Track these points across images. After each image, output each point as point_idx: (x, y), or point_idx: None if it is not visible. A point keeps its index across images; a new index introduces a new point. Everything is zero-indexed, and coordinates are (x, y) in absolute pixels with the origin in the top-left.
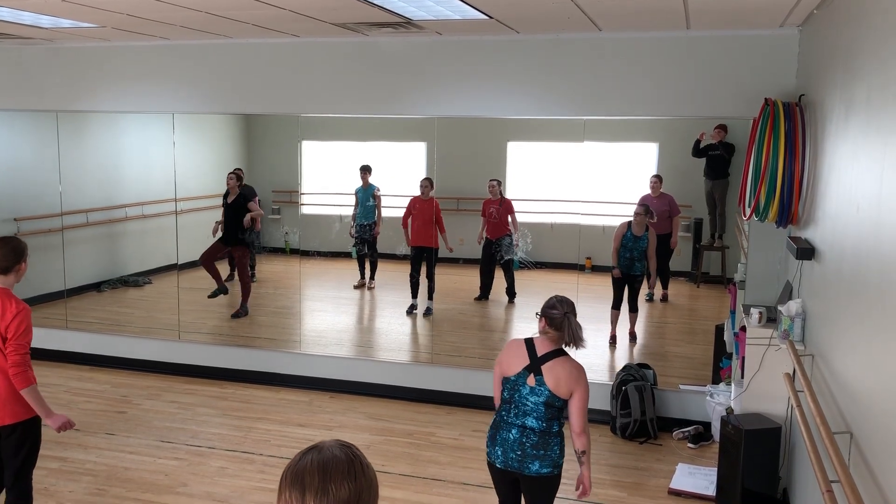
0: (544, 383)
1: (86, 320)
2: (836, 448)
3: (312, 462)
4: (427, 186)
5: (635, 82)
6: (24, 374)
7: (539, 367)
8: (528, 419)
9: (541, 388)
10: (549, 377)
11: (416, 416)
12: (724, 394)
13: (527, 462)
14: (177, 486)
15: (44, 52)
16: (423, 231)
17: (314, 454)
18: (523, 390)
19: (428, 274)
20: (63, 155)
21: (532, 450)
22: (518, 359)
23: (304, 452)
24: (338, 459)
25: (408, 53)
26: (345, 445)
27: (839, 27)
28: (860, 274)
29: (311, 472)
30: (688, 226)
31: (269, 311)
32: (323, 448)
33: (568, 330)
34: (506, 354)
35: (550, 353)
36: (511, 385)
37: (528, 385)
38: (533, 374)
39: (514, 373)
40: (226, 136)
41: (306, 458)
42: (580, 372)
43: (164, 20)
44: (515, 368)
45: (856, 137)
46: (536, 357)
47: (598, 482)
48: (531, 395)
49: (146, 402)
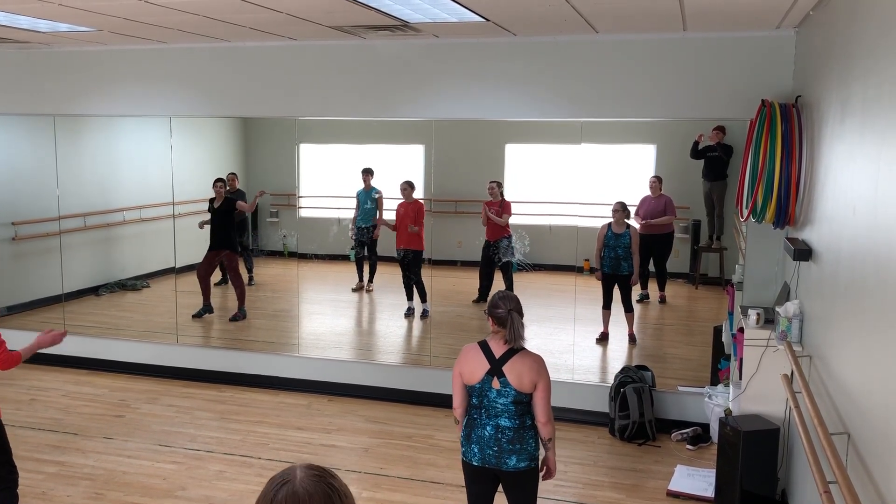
0: (509, 384)
1: (84, 324)
2: (833, 449)
3: (287, 500)
4: (407, 189)
5: (632, 84)
6: (9, 357)
7: (500, 368)
8: (501, 419)
9: (506, 389)
10: (512, 376)
11: (414, 419)
12: (722, 395)
13: (504, 457)
14: (175, 489)
15: (41, 56)
16: (408, 234)
17: (287, 489)
18: (490, 394)
19: (414, 277)
20: (61, 159)
21: (508, 444)
22: (477, 365)
23: (277, 486)
24: (314, 497)
25: (405, 56)
26: (318, 476)
27: (835, 29)
28: (857, 275)
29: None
30: (686, 227)
31: (267, 314)
32: (295, 481)
33: (511, 327)
34: (464, 364)
35: (507, 353)
36: (478, 392)
37: (493, 389)
38: (496, 377)
39: (477, 380)
40: (223, 140)
41: (280, 495)
42: (540, 364)
43: (161, 24)
44: (478, 375)
45: (852, 138)
46: (495, 359)
47: (596, 484)
48: (499, 397)
49: (144, 405)
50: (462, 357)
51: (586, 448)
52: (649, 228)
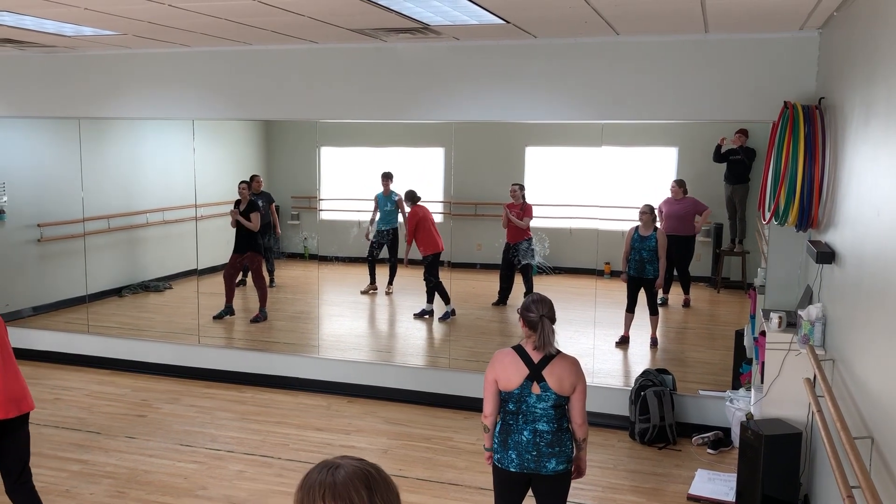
0: (549, 388)
1: (107, 325)
2: (856, 453)
3: (348, 475)
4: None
5: (653, 86)
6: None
7: (540, 373)
8: (539, 424)
9: (547, 394)
10: (552, 380)
11: (433, 421)
12: (743, 399)
13: (543, 461)
14: (196, 489)
15: (67, 59)
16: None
17: (328, 470)
18: (530, 399)
19: (425, 279)
20: (85, 161)
21: (547, 448)
22: (515, 371)
23: (319, 468)
24: (350, 476)
25: (425, 59)
26: (359, 460)
27: (859, 29)
28: (881, 278)
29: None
30: (708, 231)
31: (287, 315)
32: (343, 465)
33: (541, 334)
34: (500, 369)
35: (545, 357)
36: (515, 398)
37: (533, 394)
38: (536, 382)
39: (515, 386)
40: (245, 142)
41: (320, 475)
42: (578, 366)
43: (184, 27)
44: (516, 381)
45: (876, 140)
46: (534, 364)
47: (616, 487)
48: (539, 402)
49: (166, 405)
50: (497, 363)
51: (606, 451)
52: (671, 231)
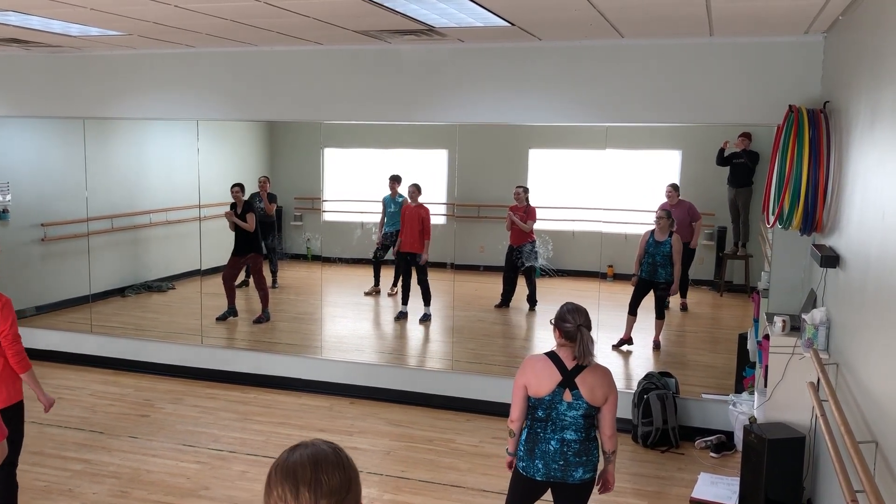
0: (581, 396)
1: (110, 325)
2: (860, 457)
3: (302, 456)
4: (415, 192)
5: (658, 89)
6: (26, 360)
7: (573, 380)
8: (567, 433)
9: (578, 402)
10: (584, 389)
11: (436, 423)
12: (746, 403)
13: (570, 470)
14: (198, 489)
15: (72, 59)
16: (410, 237)
17: (301, 450)
18: (560, 407)
19: (419, 280)
20: (89, 161)
21: (574, 457)
22: (548, 377)
23: (291, 450)
24: (325, 452)
25: (430, 61)
26: (327, 442)
27: (865, 33)
28: (886, 281)
29: (303, 465)
30: (711, 234)
31: (290, 316)
32: (308, 444)
33: (580, 343)
34: (531, 375)
35: (578, 365)
36: (546, 404)
37: (564, 401)
38: (568, 389)
39: (546, 392)
40: (249, 143)
41: (295, 454)
42: (611, 377)
43: (190, 28)
44: (547, 387)
45: (881, 144)
46: (567, 371)
47: (619, 491)
48: (569, 410)
49: (169, 405)
50: (528, 368)
51: None
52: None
